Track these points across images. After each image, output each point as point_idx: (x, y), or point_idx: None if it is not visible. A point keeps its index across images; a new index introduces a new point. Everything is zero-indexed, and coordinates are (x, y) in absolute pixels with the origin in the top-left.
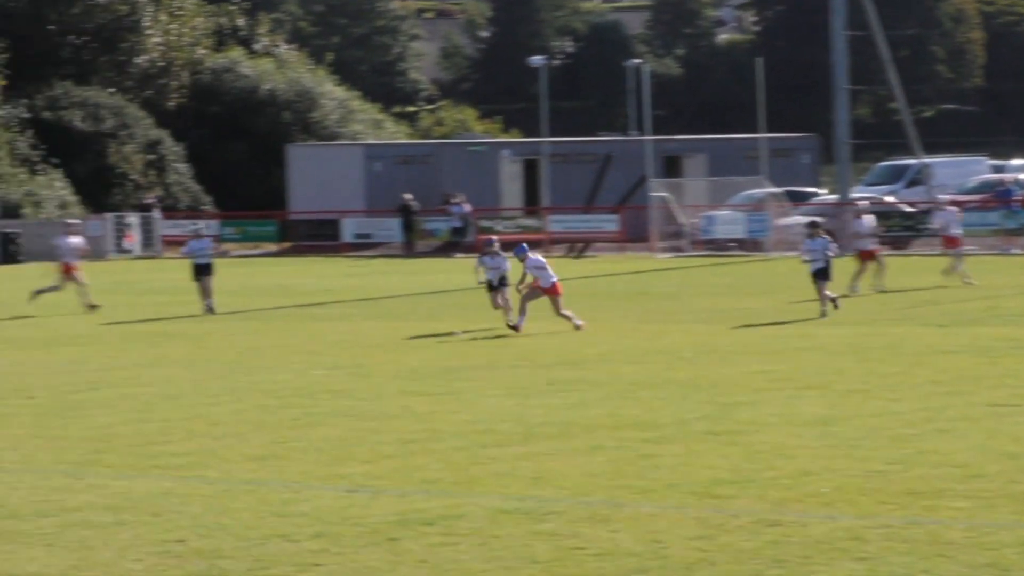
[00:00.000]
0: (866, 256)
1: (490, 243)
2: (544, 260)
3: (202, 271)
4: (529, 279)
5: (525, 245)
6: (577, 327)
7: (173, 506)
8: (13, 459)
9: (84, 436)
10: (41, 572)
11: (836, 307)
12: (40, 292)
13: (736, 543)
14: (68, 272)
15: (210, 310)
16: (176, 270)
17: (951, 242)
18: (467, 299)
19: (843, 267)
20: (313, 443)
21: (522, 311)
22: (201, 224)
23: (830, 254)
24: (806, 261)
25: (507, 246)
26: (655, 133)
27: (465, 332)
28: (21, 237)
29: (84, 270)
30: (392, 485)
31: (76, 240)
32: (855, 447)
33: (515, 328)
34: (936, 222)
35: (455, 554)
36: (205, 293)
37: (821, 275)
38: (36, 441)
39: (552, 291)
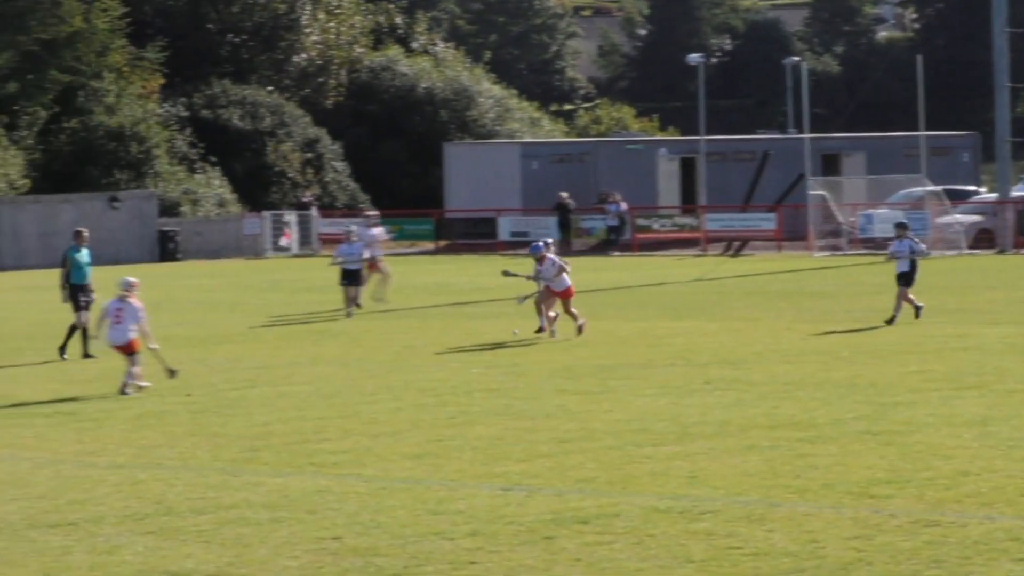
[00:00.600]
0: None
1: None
2: (562, 262)
3: (350, 278)
4: (540, 285)
5: (541, 244)
6: (579, 327)
7: (329, 504)
8: (171, 456)
9: (241, 434)
10: (197, 568)
11: (917, 316)
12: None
13: (893, 543)
14: (371, 267)
15: (349, 315)
16: (333, 269)
17: None
18: (622, 298)
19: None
20: (469, 441)
21: (540, 314)
22: (353, 228)
23: (916, 256)
24: (892, 258)
25: (664, 244)
26: (813, 131)
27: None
28: (179, 235)
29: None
30: (547, 484)
31: (377, 231)
32: (1015, 447)
33: (540, 331)
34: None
35: (610, 553)
36: (348, 300)
37: (903, 279)
38: (194, 439)
39: (565, 294)
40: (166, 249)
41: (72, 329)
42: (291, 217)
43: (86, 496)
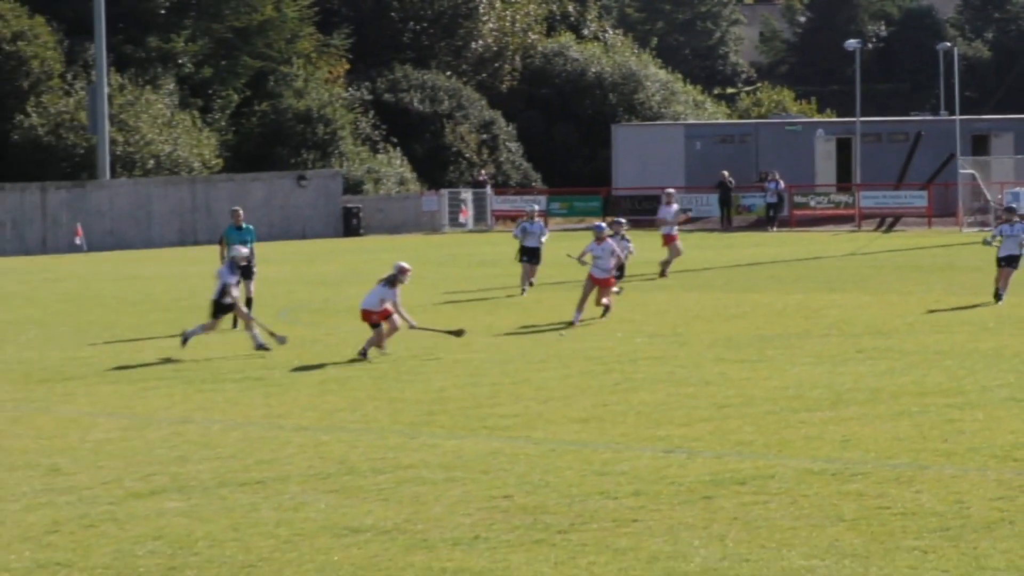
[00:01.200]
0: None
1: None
2: (620, 250)
3: (529, 255)
4: (588, 258)
5: (603, 225)
6: (606, 309)
7: (501, 464)
8: (353, 419)
9: (419, 398)
10: (376, 524)
11: (998, 300)
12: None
13: None
14: (669, 241)
15: (523, 292)
16: (507, 243)
17: None
18: (779, 271)
19: None
20: (633, 407)
21: (579, 308)
22: (536, 207)
23: None
24: (990, 243)
25: (820, 220)
26: (964, 113)
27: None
28: (362, 212)
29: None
30: (707, 447)
31: (674, 208)
32: None
33: (571, 324)
34: None
35: (766, 512)
36: (526, 275)
37: (1011, 262)
38: (374, 403)
39: (604, 283)
40: (350, 225)
41: (245, 302)
42: (467, 195)
43: (273, 456)
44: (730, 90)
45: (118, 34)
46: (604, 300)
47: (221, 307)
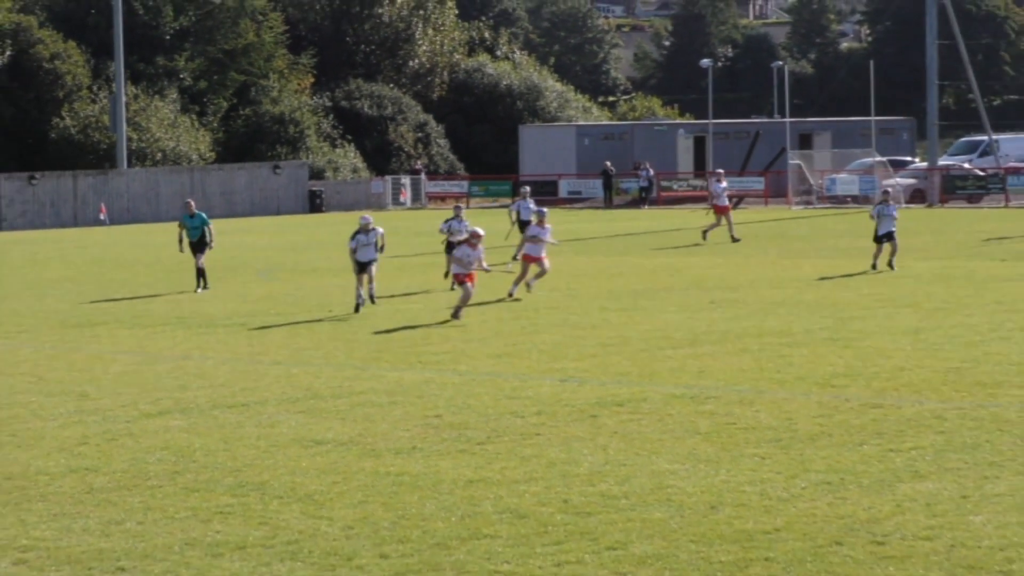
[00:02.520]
0: (720, 211)
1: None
2: (544, 231)
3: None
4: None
5: (544, 210)
6: (511, 295)
7: (432, 391)
8: (317, 356)
9: (368, 340)
10: (335, 438)
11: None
12: (706, 232)
13: (848, 420)
14: (721, 211)
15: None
16: (437, 218)
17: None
18: (650, 240)
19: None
20: (536, 345)
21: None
22: (462, 207)
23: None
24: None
25: (681, 200)
26: (792, 116)
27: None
28: (324, 193)
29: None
30: (593, 377)
31: (724, 184)
32: (938, 350)
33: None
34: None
35: (639, 427)
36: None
37: (889, 237)
38: (333, 343)
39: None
40: (314, 204)
41: (199, 271)
42: (406, 180)
43: (254, 385)
44: (611, 98)
45: (133, 55)
46: (531, 282)
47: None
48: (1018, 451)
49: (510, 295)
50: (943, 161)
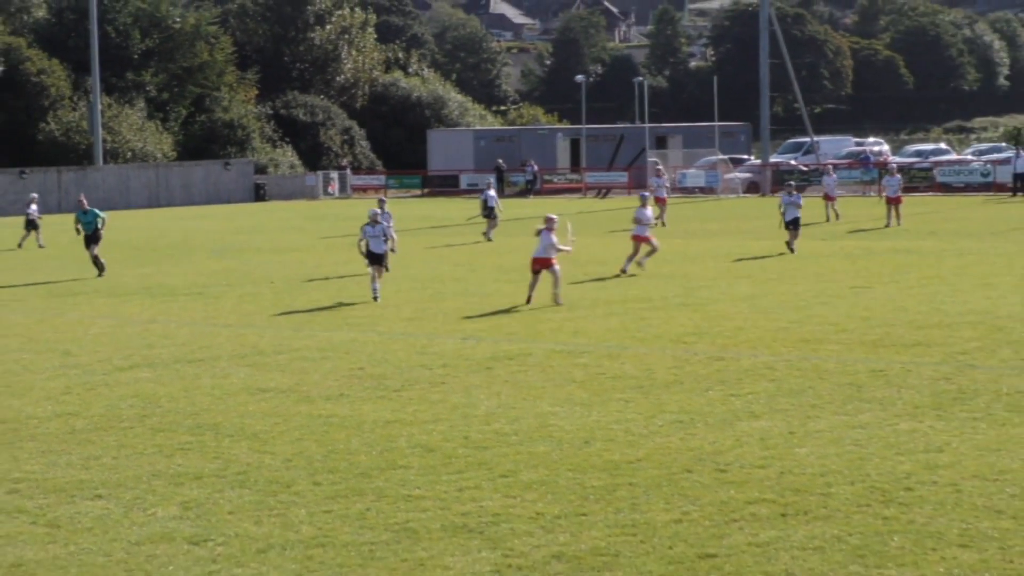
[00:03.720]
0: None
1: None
2: (647, 214)
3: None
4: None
5: (647, 194)
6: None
7: (357, 348)
8: (262, 320)
9: (304, 306)
10: (277, 387)
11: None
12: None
13: (696, 371)
14: (660, 202)
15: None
16: (361, 206)
17: (829, 198)
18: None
19: (721, 205)
20: (442, 310)
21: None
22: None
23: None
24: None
25: (561, 191)
26: (651, 122)
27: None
28: (267, 186)
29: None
30: (488, 336)
31: (664, 179)
32: (770, 313)
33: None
34: (823, 181)
35: (526, 377)
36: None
37: (795, 223)
38: (275, 309)
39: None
40: (259, 194)
41: (95, 258)
42: (334, 175)
43: (209, 344)
44: (502, 107)
45: (106, 70)
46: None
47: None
48: (835, 395)
49: (623, 271)
50: (774, 159)
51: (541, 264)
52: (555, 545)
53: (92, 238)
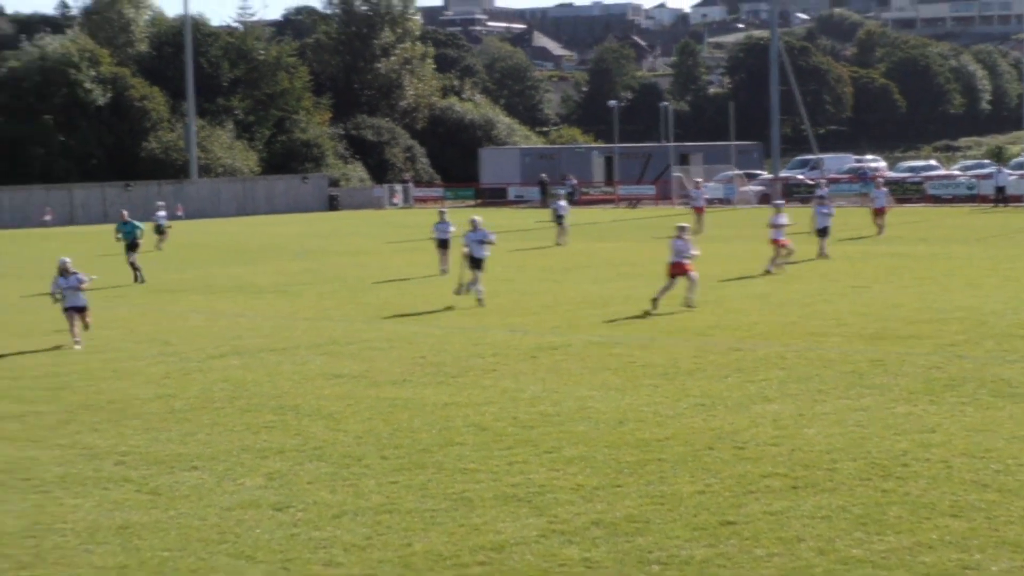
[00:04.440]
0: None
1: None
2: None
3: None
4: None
5: (781, 201)
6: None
7: (418, 339)
8: (338, 314)
9: (373, 302)
10: (349, 372)
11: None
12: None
13: (716, 360)
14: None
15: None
16: (422, 216)
17: (879, 211)
18: (577, 230)
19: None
20: (494, 307)
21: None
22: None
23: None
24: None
25: (597, 202)
26: (675, 141)
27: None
28: (340, 197)
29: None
30: (534, 329)
31: (703, 190)
32: (780, 308)
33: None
34: (872, 194)
35: (566, 365)
36: (442, 261)
37: (825, 232)
38: (350, 305)
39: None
40: (332, 204)
41: (132, 264)
42: (398, 187)
43: (290, 335)
44: (545, 129)
45: (200, 96)
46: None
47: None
48: (839, 382)
49: (768, 271)
50: (783, 173)
51: (678, 269)
52: (594, 512)
53: (131, 246)
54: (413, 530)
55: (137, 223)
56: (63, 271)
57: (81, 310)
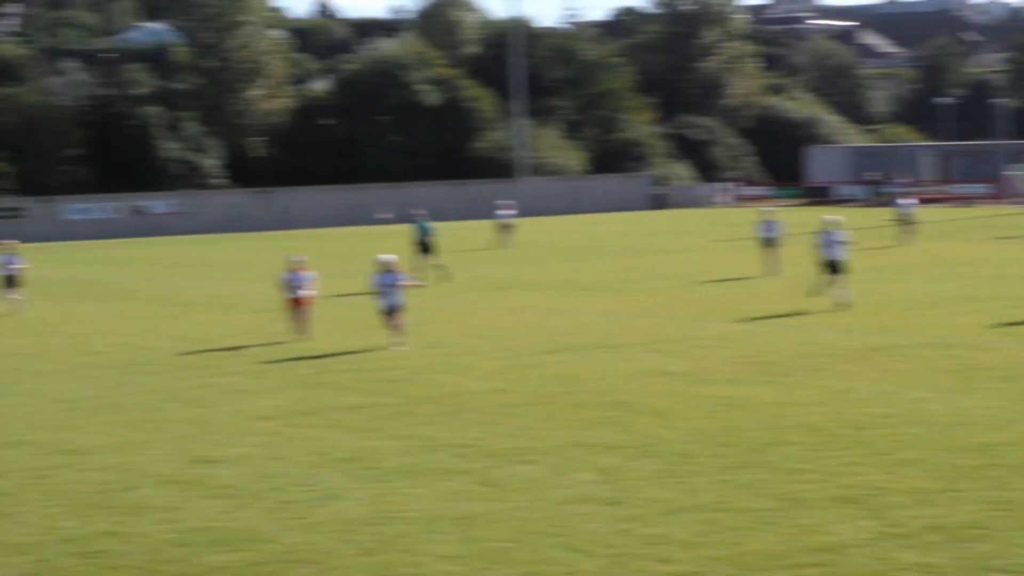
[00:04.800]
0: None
1: None
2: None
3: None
4: None
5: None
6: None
7: (745, 338)
8: (664, 312)
9: (699, 301)
10: (678, 370)
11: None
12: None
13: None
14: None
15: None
16: (748, 215)
17: None
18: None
19: None
20: (820, 307)
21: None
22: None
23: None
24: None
25: (929, 200)
26: (1009, 139)
27: None
28: (664, 196)
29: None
30: (863, 329)
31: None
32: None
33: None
34: None
35: (898, 366)
36: (766, 260)
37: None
38: (676, 303)
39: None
40: (657, 203)
41: (435, 266)
42: (724, 186)
43: (618, 332)
44: (872, 127)
45: (528, 96)
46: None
47: None
48: None
49: None
50: None
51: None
52: (930, 517)
53: (425, 248)
54: (744, 529)
55: (429, 224)
56: (383, 268)
57: (397, 309)
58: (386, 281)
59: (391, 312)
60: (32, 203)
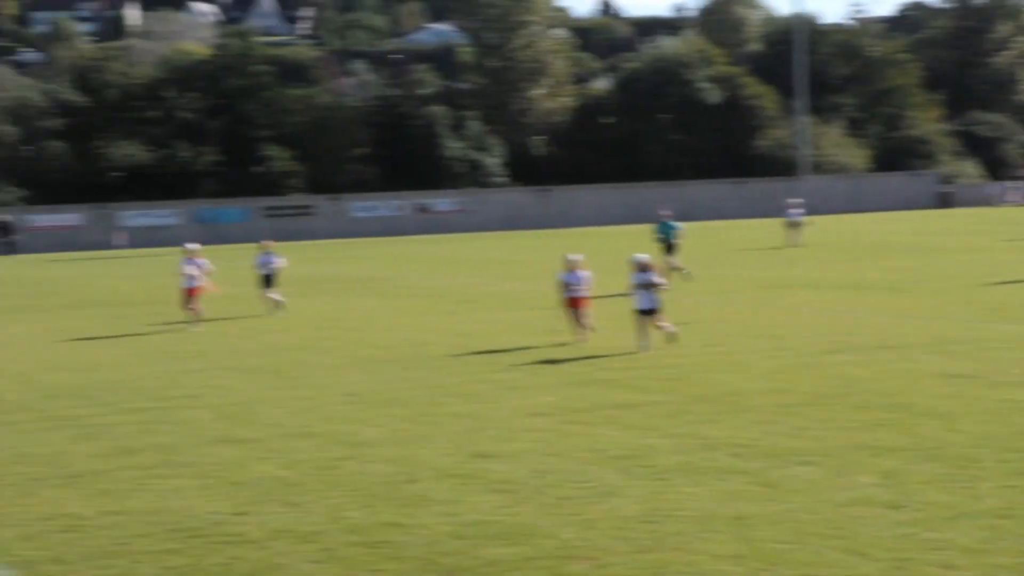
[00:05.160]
0: None
1: None
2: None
3: None
4: None
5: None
6: None
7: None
8: (950, 313)
9: (988, 302)
10: (965, 372)
11: None
12: None
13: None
14: None
15: None
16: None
17: None
18: None
19: None
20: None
21: None
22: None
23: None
24: None
25: None
26: None
27: None
28: (952, 194)
29: None
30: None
31: None
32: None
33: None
34: None
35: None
36: None
37: None
38: (962, 304)
39: None
40: (944, 202)
41: (672, 266)
42: (1015, 184)
43: (901, 332)
44: None
45: (811, 93)
46: None
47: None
48: None
49: None
50: None
51: None
52: None
53: (668, 247)
54: None
55: (675, 223)
56: (638, 268)
57: (651, 312)
58: (639, 280)
59: (647, 313)
60: (321, 201)
